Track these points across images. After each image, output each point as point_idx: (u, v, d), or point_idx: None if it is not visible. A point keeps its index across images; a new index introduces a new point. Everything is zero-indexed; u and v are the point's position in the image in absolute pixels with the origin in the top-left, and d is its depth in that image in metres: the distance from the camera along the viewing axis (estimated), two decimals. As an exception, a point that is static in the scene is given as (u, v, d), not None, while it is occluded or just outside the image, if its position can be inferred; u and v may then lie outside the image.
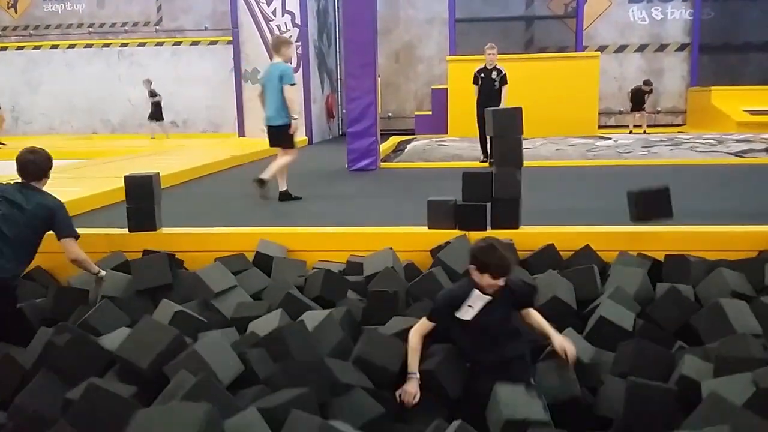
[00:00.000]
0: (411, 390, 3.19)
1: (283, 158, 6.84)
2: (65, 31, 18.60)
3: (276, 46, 6.83)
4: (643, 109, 15.35)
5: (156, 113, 15.58)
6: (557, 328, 3.70)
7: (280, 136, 6.74)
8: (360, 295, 4.25)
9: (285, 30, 14.60)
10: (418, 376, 3.23)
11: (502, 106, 8.48)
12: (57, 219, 3.92)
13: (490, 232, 4.73)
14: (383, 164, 9.99)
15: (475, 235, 4.69)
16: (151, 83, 15.56)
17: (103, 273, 4.26)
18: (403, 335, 3.40)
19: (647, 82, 15.43)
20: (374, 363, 3.34)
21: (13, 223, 3.76)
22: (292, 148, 6.85)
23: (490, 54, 9.41)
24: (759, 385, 2.74)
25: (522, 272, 4.15)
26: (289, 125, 6.64)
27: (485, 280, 3.20)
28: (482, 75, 9.40)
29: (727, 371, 2.95)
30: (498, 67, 9.33)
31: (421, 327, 3.33)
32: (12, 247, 3.72)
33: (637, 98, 15.21)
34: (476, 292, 3.26)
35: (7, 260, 3.68)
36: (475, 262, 3.23)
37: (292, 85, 6.61)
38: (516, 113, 4.86)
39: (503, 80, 9.26)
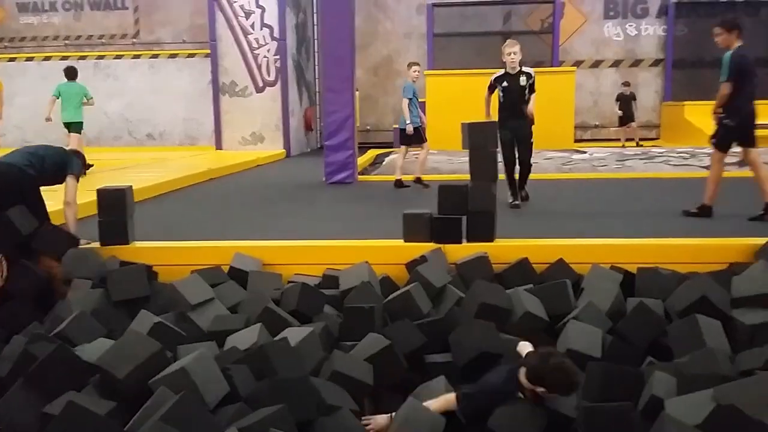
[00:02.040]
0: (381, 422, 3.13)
1: (422, 153, 9.00)
2: (41, 44, 18.42)
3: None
4: (633, 121, 15.27)
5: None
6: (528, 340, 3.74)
7: (404, 136, 8.79)
8: (336, 310, 4.26)
9: (264, 43, 14.61)
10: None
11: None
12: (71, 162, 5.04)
13: (465, 245, 4.77)
14: (361, 177, 10.01)
15: (450, 248, 4.73)
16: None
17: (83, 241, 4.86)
18: (378, 358, 3.40)
19: (626, 83, 15.49)
20: (351, 377, 3.35)
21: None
22: (424, 142, 8.93)
23: (511, 54, 6.86)
24: (719, 402, 2.74)
25: (496, 287, 4.17)
26: (404, 129, 8.69)
27: (535, 389, 3.02)
28: (505, 83, 6.94)
29: (692, 388, 2.98)
30: (526, 69, 6.95)
31: (444, 405, 3.12)
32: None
33: (626, 106, 15.12)
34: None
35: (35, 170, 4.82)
36: (536, 375, 3.01)
37: (404, 98, 8.64)
38: (491, 127, 4.92)
39: (533, 86, 6.92)
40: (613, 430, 2.87)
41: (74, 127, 10.96)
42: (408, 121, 8.54)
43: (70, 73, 11.13)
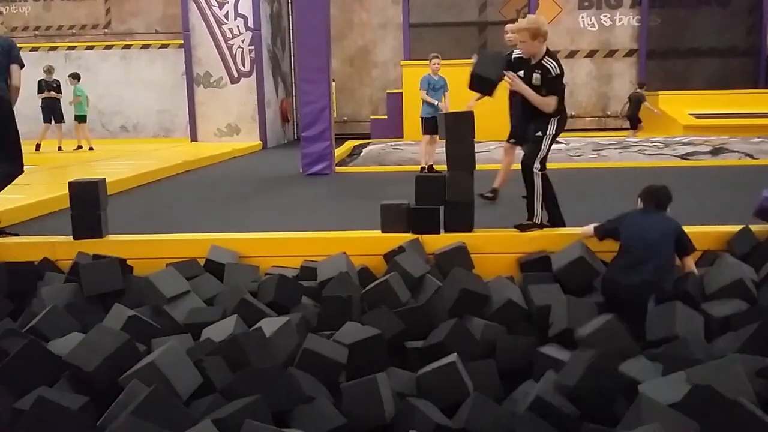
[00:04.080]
0: None
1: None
2: (10, 34, 18.00)
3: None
4: (641, 122, 14.80)
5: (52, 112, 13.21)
6: (511, 331, 3.76)
7: (423, 126, 8.73)
8: (314, 301, 4.24)
9: (238, 33, 14.45)
10: None
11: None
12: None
13: (443, 236, 4.77)
14: (338, 168, 9.97)
15: (428, 239, 4.73)
16: (51, 72, 13.43)
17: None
18: (363, 345, 3.40)
19: (640, 84, 15.19)
20: (322, 354, 3.33)
21: None
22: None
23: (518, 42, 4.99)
24: (694, 382, 2.79)
25: (474, 275, 4.18)
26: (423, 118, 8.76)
27: None
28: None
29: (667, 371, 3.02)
30: (544, 61, 4.84)
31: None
32: None
33: (636, 108, 14.68)
34: None
35: None
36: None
37: (420, 89, 8.77)
38: (468, 117, 4.90)
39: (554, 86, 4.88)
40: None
41: (83, 118, 13.49)
42: (422, 113, 8.72)
43: (77, 77, 13.60)
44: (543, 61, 4.82)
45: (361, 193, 7.64)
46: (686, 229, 4.75)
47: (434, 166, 8.78)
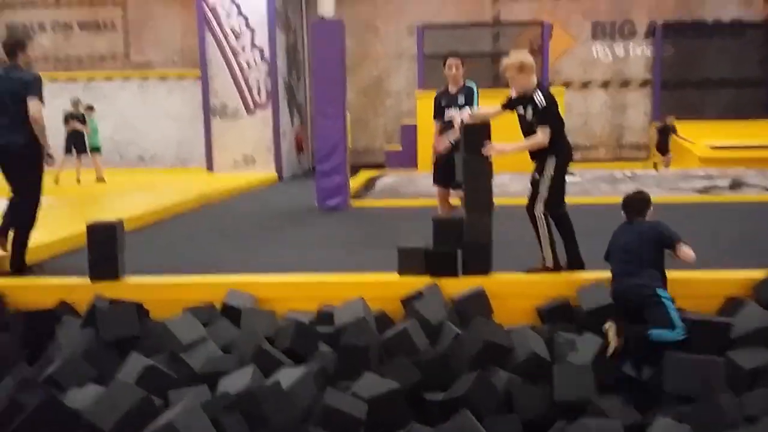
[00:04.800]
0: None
1: None
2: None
3: None
4: (669, 152, 14.69)
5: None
6: (535, 384, 3.69)
7: None
8: (332, 347, 4.20)
9: (254, 64, 14.60)
10: None
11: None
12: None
13: (461, 279, 4.73)
14: (354, 201, 9.97)
15: (446, 282, 4.69)
16: (77, 104, 13.53)
17: (53, 154, 5.34)
18: (381, 400, 3.35)
19: (667, 115, 15.04)
20: (342, 410, 3.29)
21: None
22: None
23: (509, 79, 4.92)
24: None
25: (496, 325, 4.12)
26: None
27: None
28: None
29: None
30: (535, 95, 4.74)
31: None
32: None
33: (665, 137, 14.62)
34: None
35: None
36: None
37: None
38: (485, 160, 4.88)
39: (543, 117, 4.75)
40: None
41: (98, 149, 13.75)
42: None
43: (92, 108, 13.94)
44: (533, 95, 4.75)
45: (377, 229, 7.62)
46: (708, 274, 4.70)
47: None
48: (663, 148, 14.57)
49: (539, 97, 4.71)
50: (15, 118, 5.06)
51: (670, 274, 4.62)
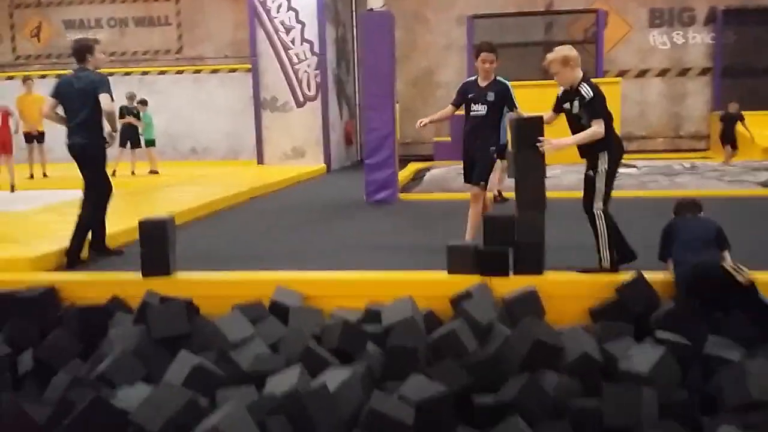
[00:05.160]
0: None
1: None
2: (88, 59, 18.86)
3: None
4: (734, 144, 13.29)
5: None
6: (586, 387, 3.56)
7: None
8: (379, 347, 4.14)
9: (304, 58, 14.65)
10: None
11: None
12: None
13: (512, 278, 4.61)
14: (402, 195, 9.89)
15: (496, 282, 4.58)
16: (133, 99, 13.88)
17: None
18: (428, 404, 3.28)
19: (735, 102, 13.53)
20: (389, 415, 3.23)
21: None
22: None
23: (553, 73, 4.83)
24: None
25: (546, 325, 4.00)
26: None
27: None
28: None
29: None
30: (582, 87, 4.67)
31: None
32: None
33: (731, 126, 13.28)
34: None
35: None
36: None
37: None
38: (537, 155, 4.74)
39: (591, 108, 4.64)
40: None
41: (152, 142, 14.06)
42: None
43: (145, 102, 14.06)
44: (579, 88, 4.68)
45: (425, 223, 7.52)
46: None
47: (503, 193, 8.61)
48: (727, 138, 13.63)
49: (586, 89, 4.64)
50: (85, 118, 5.50)
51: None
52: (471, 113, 5.78)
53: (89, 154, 5.59)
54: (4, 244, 6.01)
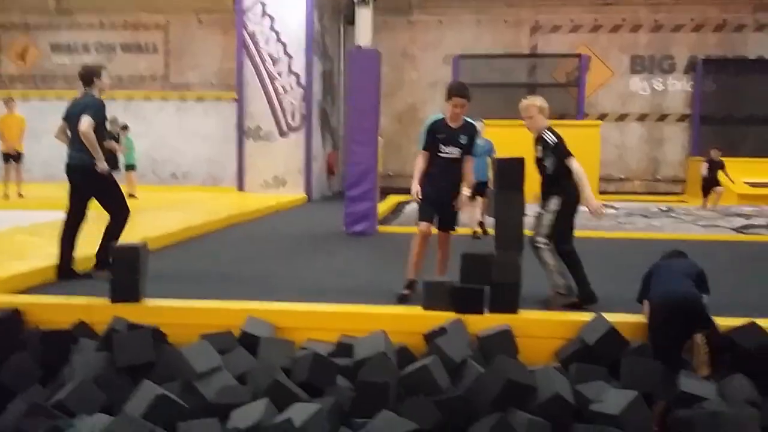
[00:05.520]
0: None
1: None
2: (72, 84, 18.76)
3: None
4: (719, 185, 13.67)
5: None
6: (558, 428, 3.50)
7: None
8: (350, 381, 4.06)
9: (290, 89, 14.71)
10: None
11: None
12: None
13: (487, 317, 4.57)
14: (381, 227, 9.87)
15: (471, 319, 4.53)
16: (114, 123, 13.66)
17: (104, 168, 5.65)
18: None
19: (716, 149, 14.02)
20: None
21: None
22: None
23: (525, 118, 5.27)
24: None
25: (519, 364, 3.95)
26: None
27: None
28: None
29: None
30: (545, 134, 5.11)
31: None
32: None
33: (714, 172, 13.69)
34: None
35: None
36: None
37: None
38: (518, 195, 4.75)
39: (557, 152, 5.00)
40: None
41: (132, 167, 13.86)
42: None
43: (126, 127, 14.04)
44: (543, 135, 5.09)
45: (402, 258, 7.46)
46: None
47: (488, 230, 8.62)
48: (711, 183, 13.88)
49: (549, 136, 5.06)
50: (78, 140, 5.64)
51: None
52: (441, 155, 5.35)
53: (82, 172, 5.72)
54: (-29, 265, 5.87)
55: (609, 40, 17.62)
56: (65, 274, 5.69)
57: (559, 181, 4.96)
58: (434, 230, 5.45)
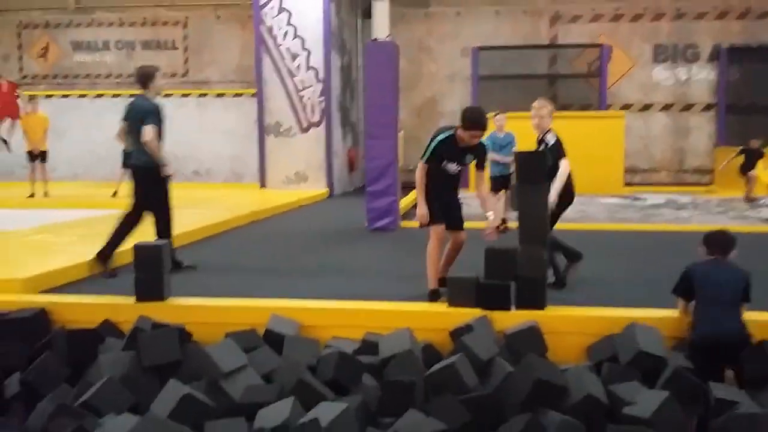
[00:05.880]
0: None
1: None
2: (94, 81, 18.91)
3: None
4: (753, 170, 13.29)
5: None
6: (590, 428, 3.44)
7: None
8: (375, 379, 4.02)
9: (309, 85, 14.69)
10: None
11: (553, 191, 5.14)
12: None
13: (513, 313, 4.50)
14: (404, 223, 9.81)
15: (498, 316, 4.47)
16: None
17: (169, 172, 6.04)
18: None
19: (756, 140, 13.53)
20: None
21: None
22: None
23: (535, 118, 5.60)
24: None
25: (549, 363, 3.88)
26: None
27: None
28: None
29: None
30: (547, 135, 5.51)
31: None
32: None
33: (751, 160, 13.37)
34: None
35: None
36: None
37: None
38: (542, 188, 4.67)
39: (554, 152, 5.36)
40: None
41: None
42: (490, 173, 8.53)
43: None
44: (545, 136, 5.51)
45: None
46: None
47: (507, 224, 8.54)
48: (747, 168, 13.40)
49: (550, 137, 5.51)
50: (137, 142, 5.92)
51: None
52: (444, 168, 5.21)
53: (141, 171, 5.96)
54: (-3, 264, 5.92)
55: (630, 30, 17.33)
56: (103, 262, 5.73)
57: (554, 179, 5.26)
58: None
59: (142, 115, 5.84)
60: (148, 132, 5.79)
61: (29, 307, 4.67)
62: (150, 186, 5.93)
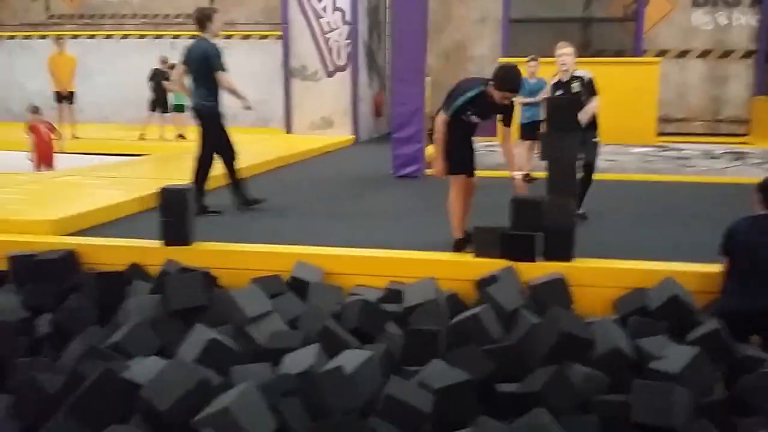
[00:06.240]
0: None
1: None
2: (119, 21, 18.77)
3: None
4: None
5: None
6: (615, 382, 3.43)
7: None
8: (399, 327, 4.03)
9: (335, 27, 14.41)
10: None
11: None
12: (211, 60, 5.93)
13: (539, 264, 4.45)
14: (429, 170, 9.71)
15: (523, 267, 4.42)
16: (165, 63, 13.89)
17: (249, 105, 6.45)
18: (449, 392, 3.17)
19: None
20: (407, 402, 3.13)
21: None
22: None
23: (562, 56, 6.07)
24: None
25: (574, 316, 3.85)
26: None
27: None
28: (560, 91, 6.13)
29: None
30: (578, 73, 6.09)
31: None
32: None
33: None
34: None
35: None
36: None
37: None
38: (570, 136, 4.55)
39: (592, 89, 5.94)
40: None
41: (181, 108, 13.17)
42: (521, 119, 8.45)
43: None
44: (576, 73, 6.09)
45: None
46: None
47: (532, 174, 8.41)
48: None
49: (584, 73, 6.10)
50: (201, 83, 6.07)
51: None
52: (465, 119, 4.94)
53: (205, 115, 6.19)
54: (26, 207, 6.00)
55: (670, -29, 16.63)
56: (200, 210, 5.76)
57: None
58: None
59: (205, 59, 5.88)
60: (225, 80, 6.07)
61: (58, 248, 4.73)
62: (217, 129, 6.18)
